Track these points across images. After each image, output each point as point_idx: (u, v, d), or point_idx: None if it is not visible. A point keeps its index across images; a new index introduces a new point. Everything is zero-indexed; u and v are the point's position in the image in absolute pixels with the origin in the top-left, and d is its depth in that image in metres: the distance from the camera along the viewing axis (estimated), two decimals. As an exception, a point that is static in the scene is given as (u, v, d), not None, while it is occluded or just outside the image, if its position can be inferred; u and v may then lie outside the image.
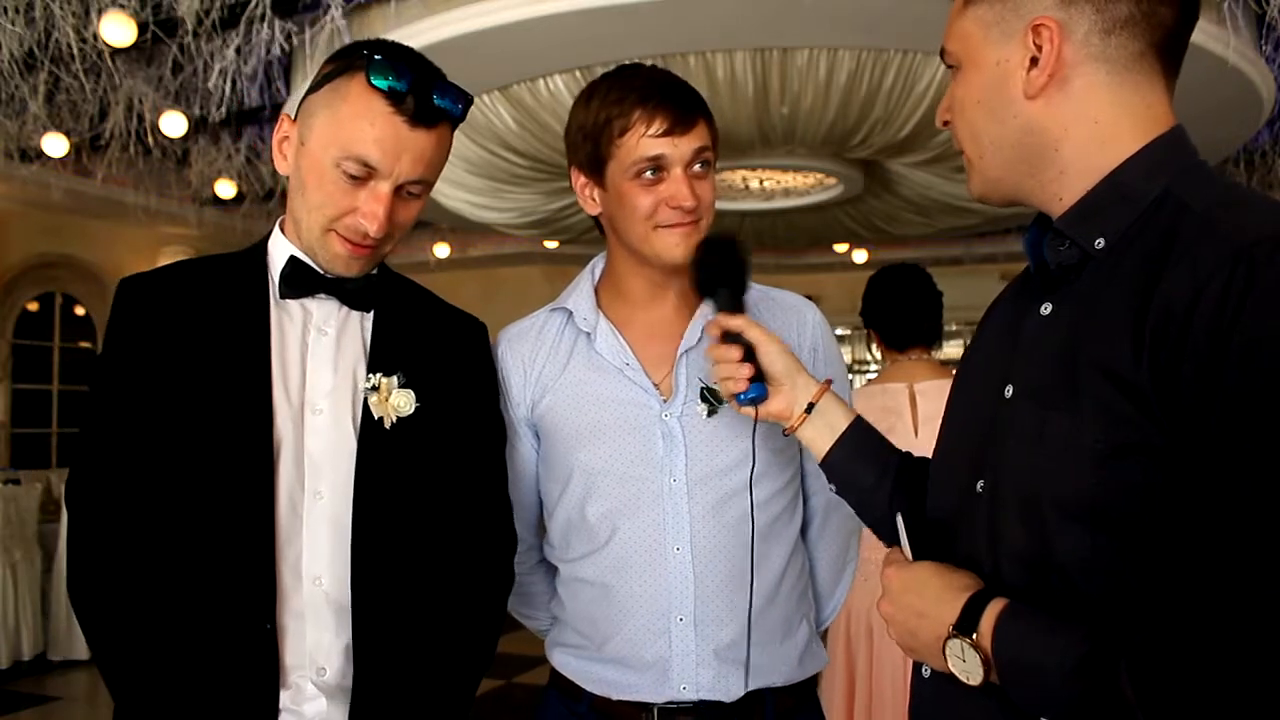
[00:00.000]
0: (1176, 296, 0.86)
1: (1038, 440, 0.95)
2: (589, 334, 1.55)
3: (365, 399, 1.40)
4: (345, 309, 1.44)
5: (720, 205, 7.70)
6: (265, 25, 4.89)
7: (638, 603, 1.49)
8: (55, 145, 6.40)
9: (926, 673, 1.10)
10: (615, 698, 1.50)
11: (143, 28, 4.92)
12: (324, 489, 1.38)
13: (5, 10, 4.83)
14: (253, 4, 4.77)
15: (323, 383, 1.41)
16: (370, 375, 1.41)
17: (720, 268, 1.40)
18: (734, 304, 1.39)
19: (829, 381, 1.37)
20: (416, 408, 1.41)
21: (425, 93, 1.32)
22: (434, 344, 1.49)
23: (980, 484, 1.02)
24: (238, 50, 5.09)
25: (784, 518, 1.55)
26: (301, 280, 1.41)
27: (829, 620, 1.71)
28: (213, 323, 1.38)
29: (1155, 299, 0.88)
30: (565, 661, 1.58)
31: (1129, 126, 0.98)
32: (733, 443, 1.49)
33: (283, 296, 1.42)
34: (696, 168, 1.48)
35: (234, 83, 5.31)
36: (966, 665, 0.96)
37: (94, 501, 1.36)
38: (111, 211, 8.39)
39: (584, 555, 1.54)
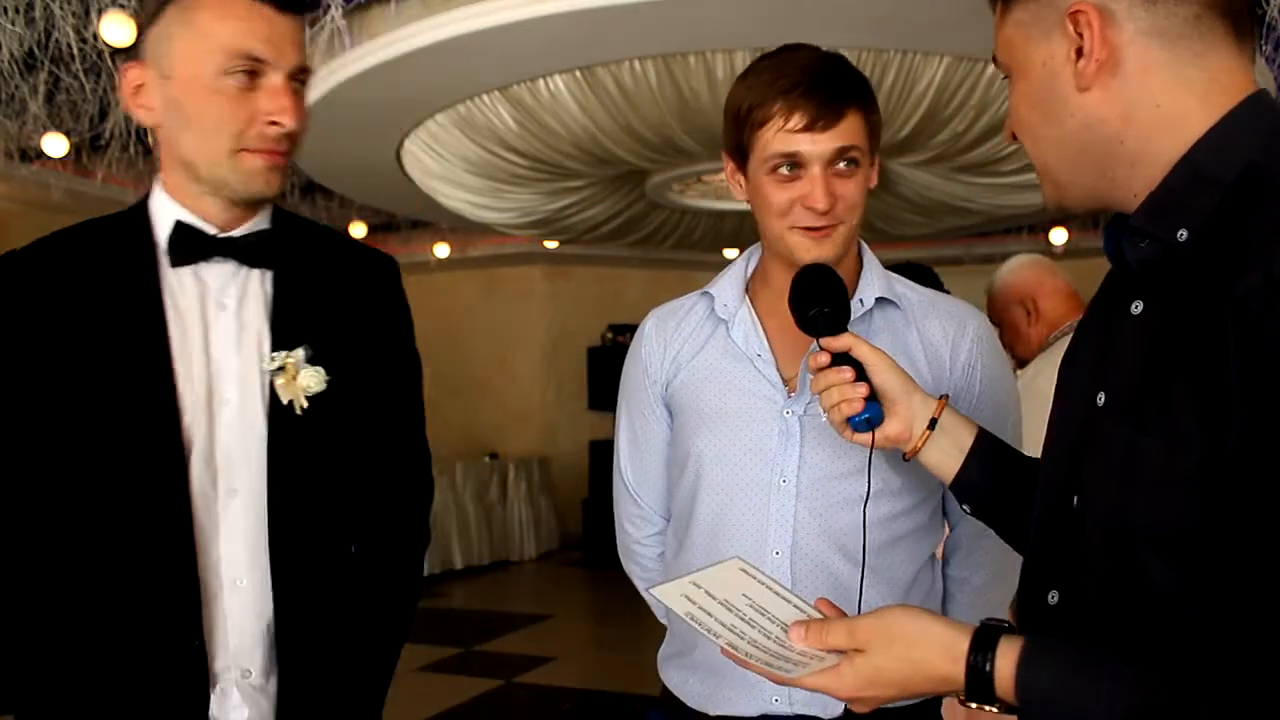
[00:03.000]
0: (1253, 289, 0.78)
1: (1127, 464, 0.87)
2: (727, 321, 1.51)
3: (271, 382, 1.31)
4: (244, 270, 1.34)
5: (720, 206, 7.74)
6: (265, 25, 4.89)
7: None
8: (55, 145, 6.39)
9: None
10: (712, 713, 1.46)
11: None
12: (238, 485, 1.30)
13: (5, 10, 4.83)
14: (253, 4, 4.76)
15: (229, 366, 1.31)
16: (273, 355, 1.31)
17: (811, 296, 1.26)
18: (834, 327, 1.24)
19: (945, 396, 1.24)
20: (328, 382, 1.32)
21: None
22: (342, 291, 1.41)
23: (1076, 499, 0.95)
24: (238, 50, 5.08)
25: (908, 540, 1.45)
26: (191, 245, 1.32)
27: None
28: (98, 303, 1.28)
29: (1237, 294, 0.79)
30: (667, 673, 1.55)
31: (1195, 104, 0.89)
32: (852, 451, 1.40)
33: (173, 265, 1.32)
34: (840, 165, 1.39)
35: (234, 83, 5.31)
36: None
37: None
38: (111, 211, 8.38)
39: (686, 548, 1.50)
